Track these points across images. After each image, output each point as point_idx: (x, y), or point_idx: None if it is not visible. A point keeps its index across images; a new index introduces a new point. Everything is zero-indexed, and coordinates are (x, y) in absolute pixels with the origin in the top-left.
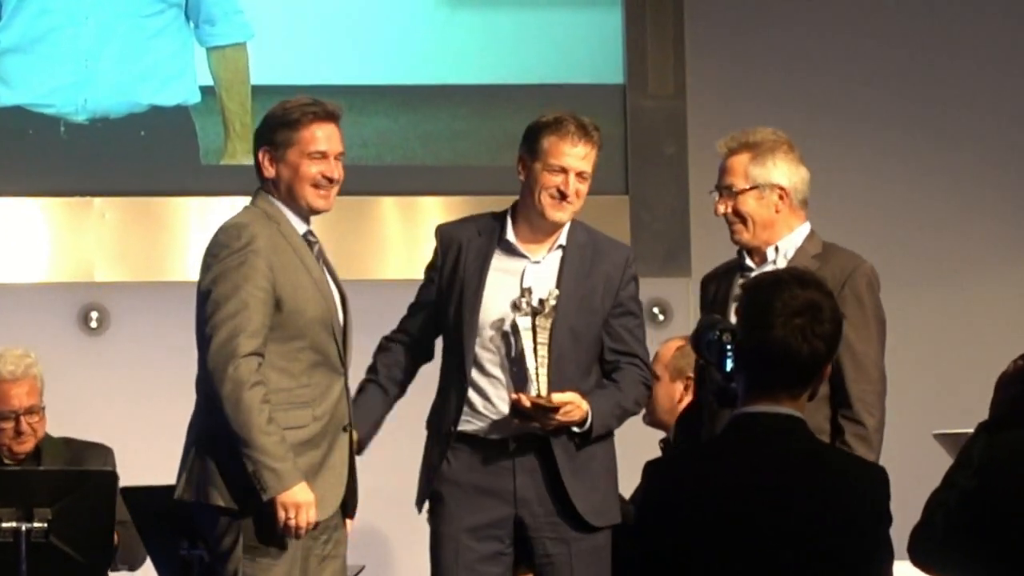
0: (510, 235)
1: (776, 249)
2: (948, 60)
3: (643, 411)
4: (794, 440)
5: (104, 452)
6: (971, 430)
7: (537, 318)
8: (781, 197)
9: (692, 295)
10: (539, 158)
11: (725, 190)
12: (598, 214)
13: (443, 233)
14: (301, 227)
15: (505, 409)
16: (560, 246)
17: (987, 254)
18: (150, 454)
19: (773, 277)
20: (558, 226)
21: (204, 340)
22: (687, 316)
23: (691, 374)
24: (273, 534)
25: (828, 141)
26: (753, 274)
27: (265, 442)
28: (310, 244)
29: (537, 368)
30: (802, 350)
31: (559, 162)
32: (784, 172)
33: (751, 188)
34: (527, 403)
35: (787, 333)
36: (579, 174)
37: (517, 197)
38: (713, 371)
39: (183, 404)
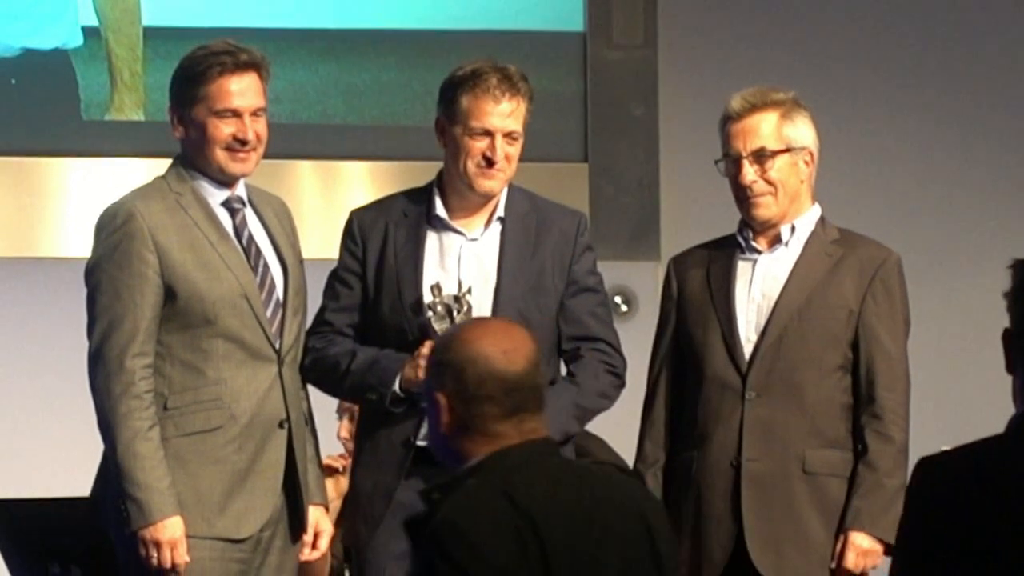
0: (440, 210)
1: (792, 229)
2: (956, 30)
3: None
4: None
5: None
6: None
7: (456, 317)
8: (807, 163)
9: (661, 281)
10: (459, 121)
11: (754, 154)
12: (552, 185)
13: (361, 219)
14: (219, 194)
15: None
16: (499, 218)
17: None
18: (16, 460)
19: None
20: (490, 197)
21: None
22: (655, 306)
23: None
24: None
25: (826, 99)
26: (764, 256)
27: (129, 466)
28: (233, 212)
29: None
30: None
31: (482, 124)
32: (812, 135)
33: (784, 151)
34: None
35: None
36: (507, 135)
37: None
38: None
39: (55, 401)
